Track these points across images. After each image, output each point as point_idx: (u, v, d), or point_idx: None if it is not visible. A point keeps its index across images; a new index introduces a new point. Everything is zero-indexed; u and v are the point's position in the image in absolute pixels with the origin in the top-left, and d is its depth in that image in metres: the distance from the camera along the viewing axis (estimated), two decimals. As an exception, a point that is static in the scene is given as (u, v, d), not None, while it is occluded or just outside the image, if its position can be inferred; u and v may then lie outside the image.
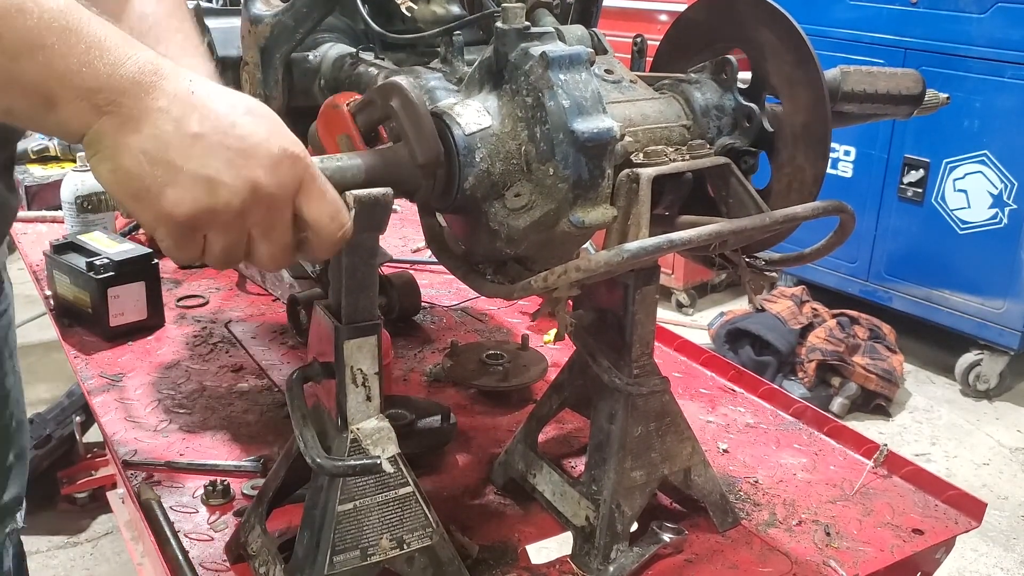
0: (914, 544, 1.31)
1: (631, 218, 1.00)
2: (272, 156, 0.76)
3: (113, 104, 0.71)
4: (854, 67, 1.25)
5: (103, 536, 2.94)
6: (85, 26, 0.71)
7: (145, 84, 0.72)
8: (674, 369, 1.81)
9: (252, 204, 0.75)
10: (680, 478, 1.26)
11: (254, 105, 0.78)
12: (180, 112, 0.73)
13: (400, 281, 1.90)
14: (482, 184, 0.95)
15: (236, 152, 0.74)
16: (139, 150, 0.72)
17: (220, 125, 0.74)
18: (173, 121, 0.72)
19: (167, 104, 0.72)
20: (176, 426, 1.52)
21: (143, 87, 0.72)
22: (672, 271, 4.51)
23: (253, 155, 0.75)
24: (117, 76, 0.71)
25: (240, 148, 0.74)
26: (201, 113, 0.73)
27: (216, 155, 0.73)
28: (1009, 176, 3.65)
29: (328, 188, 0.81)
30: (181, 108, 0.73)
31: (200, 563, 1.19)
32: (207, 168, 0.73)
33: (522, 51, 0.93)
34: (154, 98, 0.72)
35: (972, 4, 3.65)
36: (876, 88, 1.26)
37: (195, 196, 0.73)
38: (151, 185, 0.73)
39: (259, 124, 0.76)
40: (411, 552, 1.04)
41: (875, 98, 1.27)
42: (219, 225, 0.76)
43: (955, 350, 3.99)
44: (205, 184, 0.73)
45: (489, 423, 1.57)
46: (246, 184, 0.74)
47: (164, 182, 0.73)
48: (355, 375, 1.00)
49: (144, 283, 1.83)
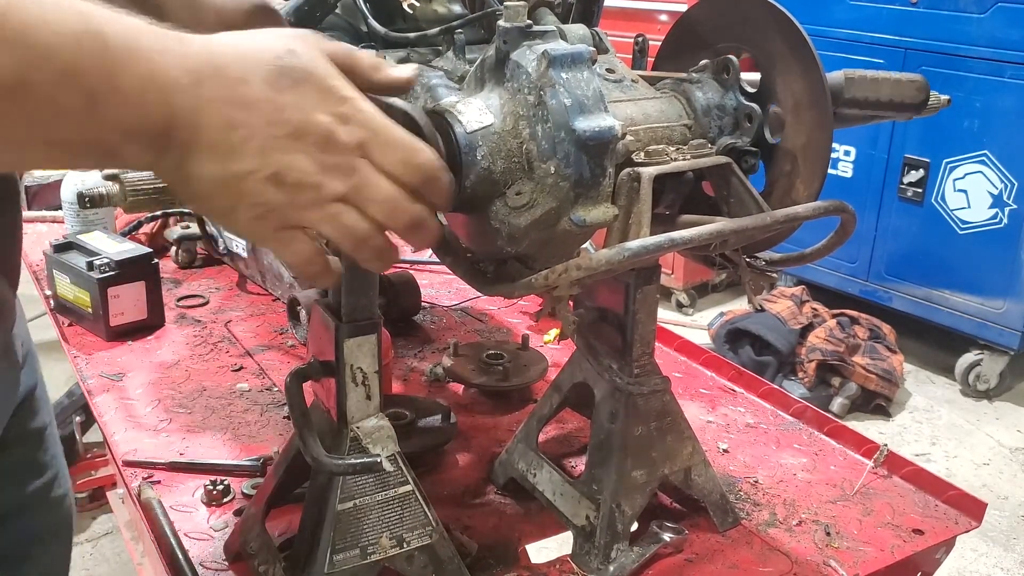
0: (914, 544, 1.31)
1: (632, 217, 1.00)
2: (324, 127, 0.71)
3: (167, 140, 0.67)
4: (859, 73, 1.24)
5: (103, 536, 2.94)
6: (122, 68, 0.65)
7: (184, 107, 0.67)
8: (674, 369, 1.81)
9: (326, 176, 0.72)
10: (680, 478, 1.26)
11: (288, 68, 0.71)
12: (223, 121, 0.68)
13: (400, 281, 1.90)
14: (483, 182, 0.95)
15: (290, 138, 0.70)
16: (205, 176, 0.70)
17: (264, 115, 0.70)
18: (220, 134, 0.69)
19: (209, 119, 0.68)
20: (176, 426, 1.52)
21: (183, 112, 0.67)
22: (672, 271, 4.51)
23: (307, 132, 0.71)
24: (157, 110, 0.66)
25: (291, 132, 0.70)
26: (243, 112, 0.69)
27: (271, 148, 0.70)
28: (1009, 176, 3.65)
29: (390, 134, 0.75)
30: (222, 116, 0.68)
31: (200, 563, 1.19)
32: (269, 165, 0.70)
33: (524, 49, 0.93)
34: (197, 118, 0.68)
35: (972, 4, 3.65)
36: (879, 96, 1.26)
37: (268, 194, 0.71)
38: (227, 201, 0.71)
39: (303, 95, 0.71)
40: (411, 551, 1.04)
41: (878, 105, 1.27)
42: (305, 208, 0.72)
43: (955, 350, 3.99)
44: (271, 180, 0.70)
45: (489, 423, 1.57)
46: (313, 161, 0.71)
47: (236, 194, 0.70)
48: (355, 374, 1.00)
49: (144, 283, 1.83)
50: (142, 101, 0.64)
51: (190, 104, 0.67)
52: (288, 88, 0.71)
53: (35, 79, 0.57)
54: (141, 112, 0.64)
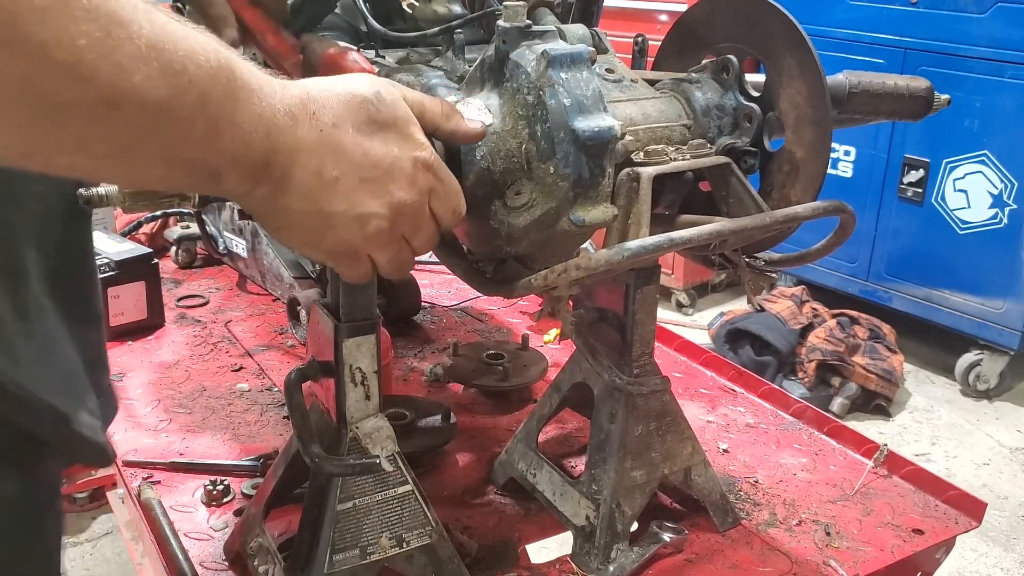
0: (914, 544, 1.30)
1: (631, 217, 1.00)
2: (407, 174, 0.81)
3: (265, 173, 0.73)
4: (863, 85, 1.24)
5: (103, 536, 2.93)
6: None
7: (283, 146, 0.73)
8: (674, 369, 1.81)
9: (399, 219, 0.81)
10: (680, 478, 1.26)
11: (375, 112, 0.79)
12: (318, 163, 0.75)
13: (400, 281, 1.90)
14: (483, 182, 0.95)
15: (376, 183, 0.79)
16: (294, 210, 0.76)
17: (354, 160, 0.77)
18: (313, 175, 0.75)
19: (305, 159, 0.74)
20: (176, 426, 1.52)
21: (282, 150, 0.73)
22: (672, 271, 4.50)
23: (391, 179, 0.79)
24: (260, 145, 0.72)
25: (377, 176, 0.79)
26: (335, 155, 0.76)
27: (359, 192, 0.78)
28: (1009, 176, 3.64)
29: (451, 183, 0.86)
30: (317, 157, 0.75)
31: (200, 563, 1.19)
32: (355, 207, 0.78)
33: (523, 49, 0.93)
34: (293, 157, 0.74)
35: (972, 4, 3.65)
36: (879, 109, 1.26)
37: (351, 233, 0.79)
38: (311, 234, 0.79)
39: (388, 140, 0.79)
40: (410, 551, 1.04)
41: (878, 114, 1.27)
42: (377, 245, 0.82)
43: (955, 350, 3.99)
44: (356, 221, 0.79)
45: (489, 423, 1.57)
46: (391, 207, 0.80)
47: (321, 228, 0.78)
48: (354, 374, 1.00)
49: (144, 283, 1.83)
50: (251, 135, 0.70)
51: (289, 144, 0.73)
52: (375, 133, 0.79)
53: (178, 104, 0.63)
54: (249, 145, 0.70)
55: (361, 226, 0.79)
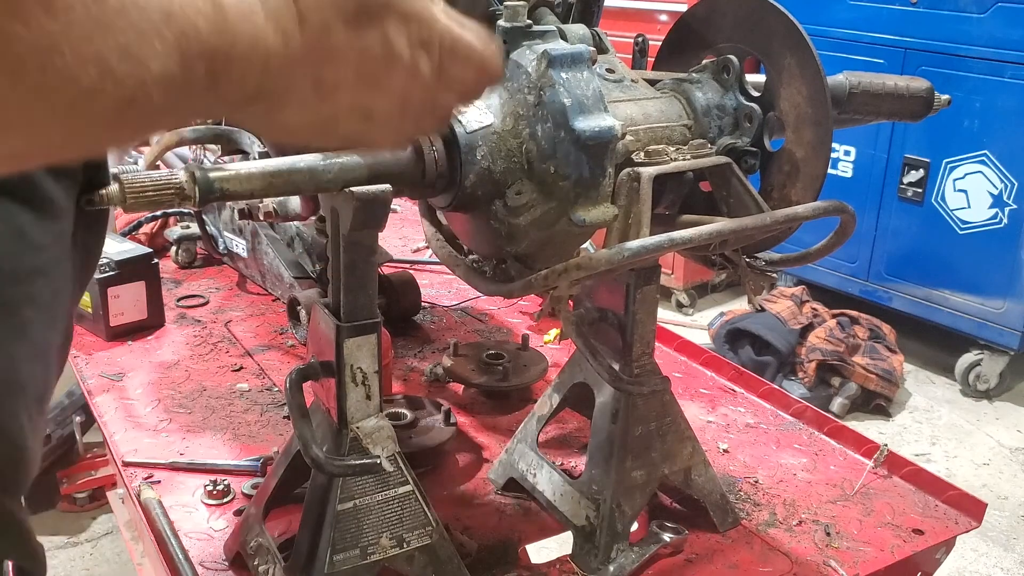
0: (914, 544, 1.30)
1: (632, 217, 1.00)
2: (405, 62, 0.74)
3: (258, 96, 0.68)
4: (863, 85, 1.24)
5: (103, 536, 2.93)
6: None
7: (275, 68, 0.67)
8: (674, 369, 1.81)
9: (409, 105, 0.76)
10: (680, 478, 1.26)
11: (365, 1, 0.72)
12: (313, 75, 0.70)
13: (400, 281, 1.90)
14: (483, 182, 0.95)
15: (376, 77, 0.73)
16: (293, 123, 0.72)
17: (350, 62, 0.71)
18: (311, 88, 0.70)
19: (301, 75, 0.69)
20: (176, 426, 1.52)
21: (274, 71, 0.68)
22: (672, 271, 4.51)
23: (389, 70, 0.73)
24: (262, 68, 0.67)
25: (377, 71, 0.72)
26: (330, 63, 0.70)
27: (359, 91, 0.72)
28: (1009, 176, 3.65)
29: (469, 50, 0.78)
30: (312, 69, 0.69)
31: (200, 563, 1.19)
32: (359, 105, 0.73)
33: (524, 49, 0.93)
34: (287, 73, 0.68)
35: (972, 4, 3.65)
36: (880, 109, 1.26)
37: (360, 128, 0.74)
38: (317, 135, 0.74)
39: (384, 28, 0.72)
40: (411, 551, 1.04)
41: (878, 114, 1.27)
42: (392, 131, 0.77)
43: (955, 350, 3.99)
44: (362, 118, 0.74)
45: (489, 423, 1.57)
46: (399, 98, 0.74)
47: (327, 130, 0.74)
48: (355, 373, 1.00)
49: (144, 283, 1.83)
50: (246, 68, 0.65)
51: (281, 66, 0.67)
52: (369, 25, 0.72)
53: (188, 69, 0.58)
54: (243, 77, 0.65)
55: (365, 119, 0.75)
